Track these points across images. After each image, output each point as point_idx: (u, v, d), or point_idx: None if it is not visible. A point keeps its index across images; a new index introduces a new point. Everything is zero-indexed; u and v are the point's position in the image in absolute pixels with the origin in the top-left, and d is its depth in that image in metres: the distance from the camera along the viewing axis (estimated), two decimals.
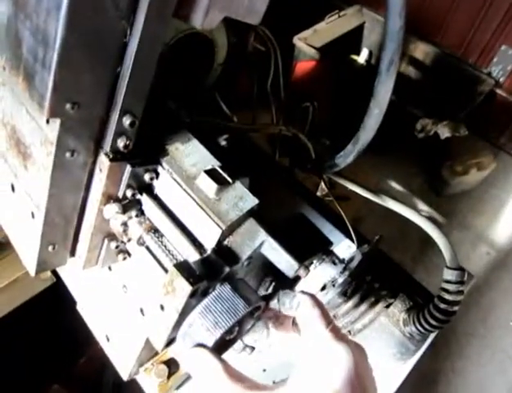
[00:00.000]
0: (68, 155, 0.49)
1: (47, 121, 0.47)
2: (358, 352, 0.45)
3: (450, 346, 1.93)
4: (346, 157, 0.70)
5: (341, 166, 0.74)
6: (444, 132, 2.47)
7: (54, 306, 1.08)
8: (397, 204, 0.74)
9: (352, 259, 0.77)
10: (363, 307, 0.77)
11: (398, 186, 2.60)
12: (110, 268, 0.70)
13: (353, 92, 2.45)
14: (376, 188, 0.86)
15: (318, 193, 1.28)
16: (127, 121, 0.50)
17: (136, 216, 0.57)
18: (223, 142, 0.75)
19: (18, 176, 0.57)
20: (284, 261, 0.52)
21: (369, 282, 0.77)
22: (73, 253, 0.62)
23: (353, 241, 0.79)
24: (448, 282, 0.65)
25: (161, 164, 0.57)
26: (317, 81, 2.54)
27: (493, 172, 2.56)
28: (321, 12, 2.85)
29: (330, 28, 2.79)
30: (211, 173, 0.54)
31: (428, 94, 2.74)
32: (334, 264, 0.74)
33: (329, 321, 0.48)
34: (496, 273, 2.25)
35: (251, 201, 0.53)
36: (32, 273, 0.57)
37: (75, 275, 0.84)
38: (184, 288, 0.44)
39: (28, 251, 0.58)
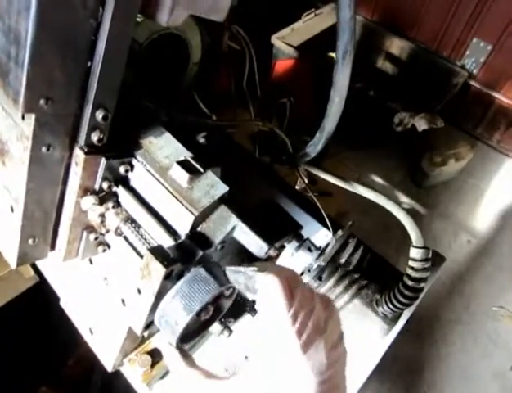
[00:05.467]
0: (44, 149, 0.52)
1: (23, 117, 0.50)
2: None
3: (434, 334, 1.98)
4: (315, 145, 0.73)
5: (312, 155, 0.78)
6: (421, 124, 2.54)
7: (40, 307, 1.09)
8: (366, 189, 0.77)
9: (327, 246, 0.81)
10: (338, 290, 0.81)
11: (380, 179, 2.66)
12: (90, 262, 0.72)
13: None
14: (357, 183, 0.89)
15: (297, 187, 1.32)
16: (99, 115, 0.52)
17: (113, 207, 0.59)
18: (202, 140, 0.78)
19: None
20: (254, 243, 0.55)
21: (342, 266, 0.80)
22: (53, 246, 0.64)
23: (329, 230, 0.83)
24: (414, 259, 0.69)
25: (135, 157, 0.59)
26: (297, 79, 2.59)
27: (471, 162, 2.63)
28: (297, 11, 2.90)
29: (307, 26, 2.84)
30: (183, 163, 0.57)
31: (405, 88, 2.82)
32: (310, 251, 0.78)
33: (291, 304, 0.42)
34: (478, 260, 2.32)
35: (222, 189, 0.56)
36: (13, 265, 0.59)
37: (57, 271, 0.86)
38: (158, 270, 0.47)
39: (8, 245, 0.60)
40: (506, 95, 2.71)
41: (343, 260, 0.79)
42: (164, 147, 0.61)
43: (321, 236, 0.81)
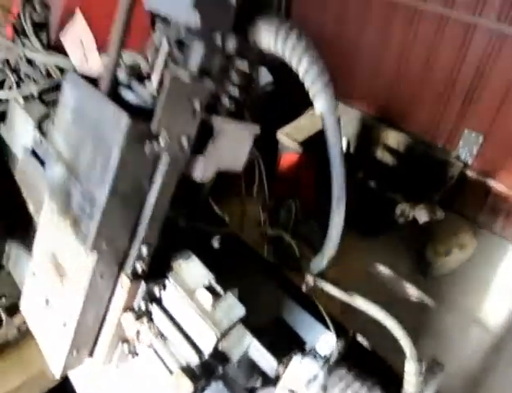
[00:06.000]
0: (99, 277, 0.64)
1: (87, 253, 0.63)
2: None
3: None
4: (318, 265, 0.85)
5: (315, 272, 0.89)
6: (421, 216, 2.63)
7: None
8: (366, 303, 0.87)
9: (331, 354, 0.89)
10: None
11: (386, 269, 2.67)
12: (116, 366, 0.81)
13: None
14: (364, 272, 0.98)
15: (303, 288, 1.40)
16: (144, 250, 0.66)
17: (148, 322, 0.70)
18: (216, 243, 0.91)
19: (53, 293, 0.72)
20: (265, 361, 0.64)
21: (347, 373, 0.87)
22: (91, 354, 0.74)
23: (330, 330, 0.91)
24: (408, 374, 0.76)
25: (168, 278, 0.72)
26: (301, 170, 2.79)
27: (476, 250, 2.65)
28: (300, 108, 3.21)
29: (310, 122, 3.13)
30: (208, 287, 0.69)
31: (404, 178, 2.97)
32: (316, 359, 0.86)
33: None
34: (489, 355, 2.27)
35: (240, 311, 0.67)
36: (57, 375, 0.69)
37: (83, 373, 0.93)
38: (187, 387, 0.56)
39: (55, 356, 0.70)
40: (503, 182, 2.79)
41: (346, 368, 0.86)
42: (192, 270, 0.73)
43: (325, 342, 0.89)
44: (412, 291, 2.61)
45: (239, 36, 0.59)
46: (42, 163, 0.91)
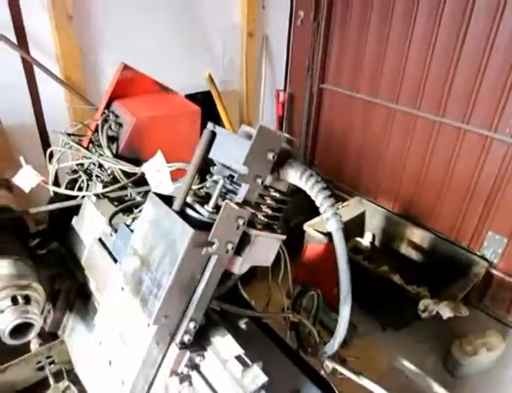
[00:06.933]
0: (154, 346, 0.85)
1: (148, 325, 0.84)
2: None
3: None
4: (331, 349, 1.02)
5: (329, 354, 1.05)
6: (445, 312, 2.62)
7: None
8: (372, 384, 1.01)
9: None
10: None
11: (411, 365, 2.63)
12: None
13: (358, 270, 2.78)
14: (389, 367, 1.09)
15: (322, 372, 1.52)
16: (191, 325, 0.86)
17: (188, 386, 0.88)
18: (243, 325, 1.08)
19: (116, 356, 0.92)
20: None
21: None
22: None
23: None
24: None
25: (206, 350, 0.90)
26: (325, 261, 2.95)
27: (506, 351, 2.60)
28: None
29: None
30: (238, 358, 0.88)
31: (429, 274, 3.03)
32: None
33: None
34: None
35: (263, 379, 0.85)
36: None
37: None
38: None
39: None
40: None
41: None
42: (226, 344, 0.92)
43: None
44: (438, 390, 2.55)
45: (273, 175, 0.86)
46: (108, 251, 1.16)
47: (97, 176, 1.55)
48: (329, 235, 3.13)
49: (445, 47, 2.80)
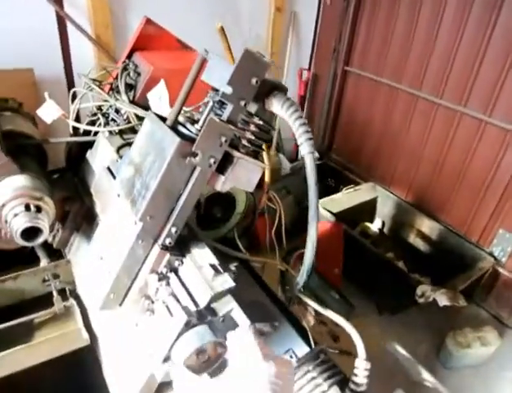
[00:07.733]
0: (140, 242, 0.96)
1: (135, 223, 0.95)
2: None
3: None
4: (301, 278, 1.10)
5: (301, 284, 1.13)
6: (442, 300, 2.61)
7: (84, 369, 1.37)
8: (334, 315, 1.09)
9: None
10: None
11: (404, 351, 2.63)
12: (136, 325, 1.08)
13: (363, 252, 2.82)
14: (381, 349, 1.12)
15: (304, 324, 1.60)
16: (173, 230, 0.97)
17: (165, 285, 0.98)
18: (233, 268, 1.18)
19: (107, 251, 1.03)
20: (240, 320, 0.89)
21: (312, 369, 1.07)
22: (121, 304, 1.02)
23: (310, 346, 1.13)
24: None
25: (185, 257, 1.01)
26: (330, 239, 3.00)
27: (500, 349, 2.55)
28: (338, 186, 3.48)
29: (346, 198, 3.41)
30: (212, 266, 0.98)
31: (433, 264, 3.03)
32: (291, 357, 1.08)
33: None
34: None
35: (230, 283, 0.94)
36: (99, 308, 0.98)
37: (108, 327, 1.21)
38: (182, 318, 0.83)
39: (98, 295, 1.00)
40: None
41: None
42: (203, 254, 1.02)
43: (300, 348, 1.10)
44: (427, 377, 2.56)
45: (259, 104, 0.95)
46: (114, 177, 1.28)
47: (113, 120, 1.68)
48: (336, 215, 3.16)
49: (473, 37, 2.77)
